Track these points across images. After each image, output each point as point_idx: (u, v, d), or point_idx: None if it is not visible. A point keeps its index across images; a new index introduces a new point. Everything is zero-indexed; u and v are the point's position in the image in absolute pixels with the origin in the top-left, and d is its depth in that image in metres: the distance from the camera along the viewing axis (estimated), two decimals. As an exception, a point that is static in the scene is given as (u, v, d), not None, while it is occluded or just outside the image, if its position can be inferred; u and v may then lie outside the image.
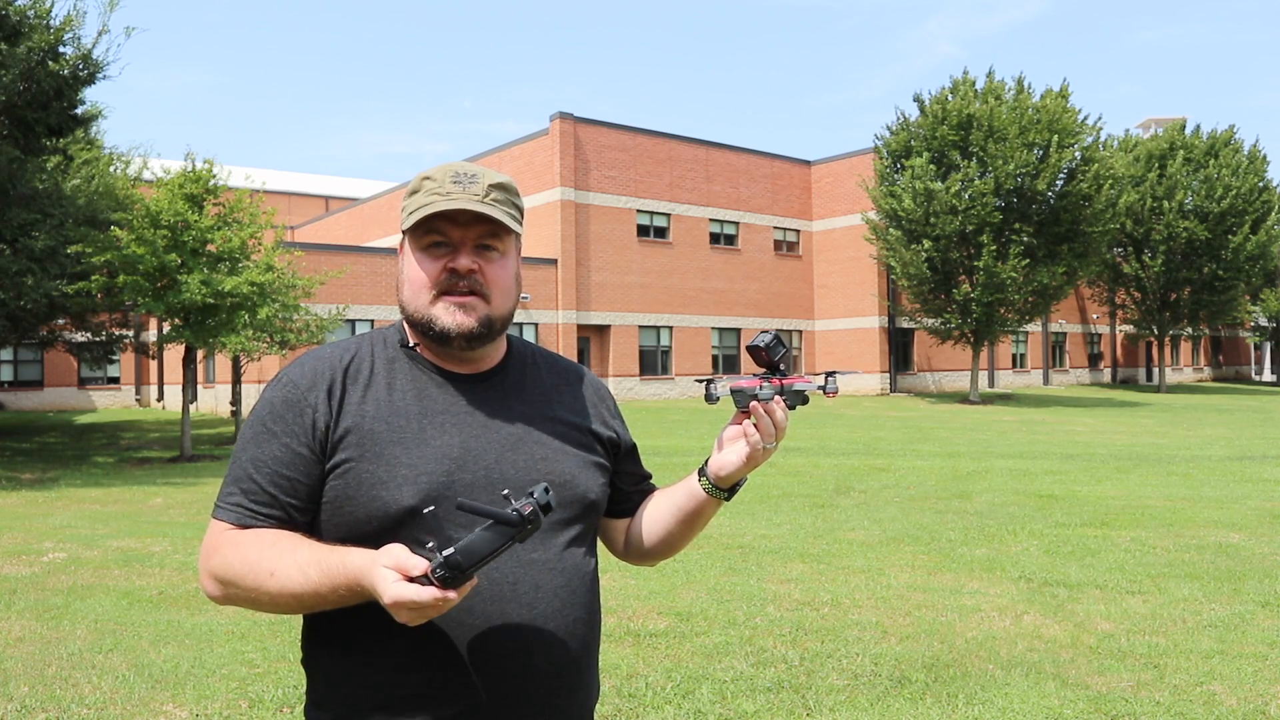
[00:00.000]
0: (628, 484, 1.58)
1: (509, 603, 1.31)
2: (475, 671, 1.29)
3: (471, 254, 1.37)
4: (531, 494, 1.14)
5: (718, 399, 1.48)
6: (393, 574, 1.12)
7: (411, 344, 1.44)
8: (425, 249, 1.38)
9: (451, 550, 1.10)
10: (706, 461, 1.48)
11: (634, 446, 1.60)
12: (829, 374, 1.44)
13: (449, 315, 1.36)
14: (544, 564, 1.35)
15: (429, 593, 1.10)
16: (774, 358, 1.42)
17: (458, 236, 1.37)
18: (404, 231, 1.40)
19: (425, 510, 1.11)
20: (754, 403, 1.39)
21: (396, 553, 1.14)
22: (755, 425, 1.40)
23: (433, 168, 1.41)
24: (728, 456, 1.44)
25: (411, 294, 1.39)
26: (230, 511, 1.32)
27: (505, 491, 1.14)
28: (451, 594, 1.11)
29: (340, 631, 1.32)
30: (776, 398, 1.40)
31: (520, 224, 1.41)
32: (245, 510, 1.32)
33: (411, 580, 1.11)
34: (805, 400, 1.43)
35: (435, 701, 1.28)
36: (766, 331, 1.43)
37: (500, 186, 1.38)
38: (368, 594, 1.18)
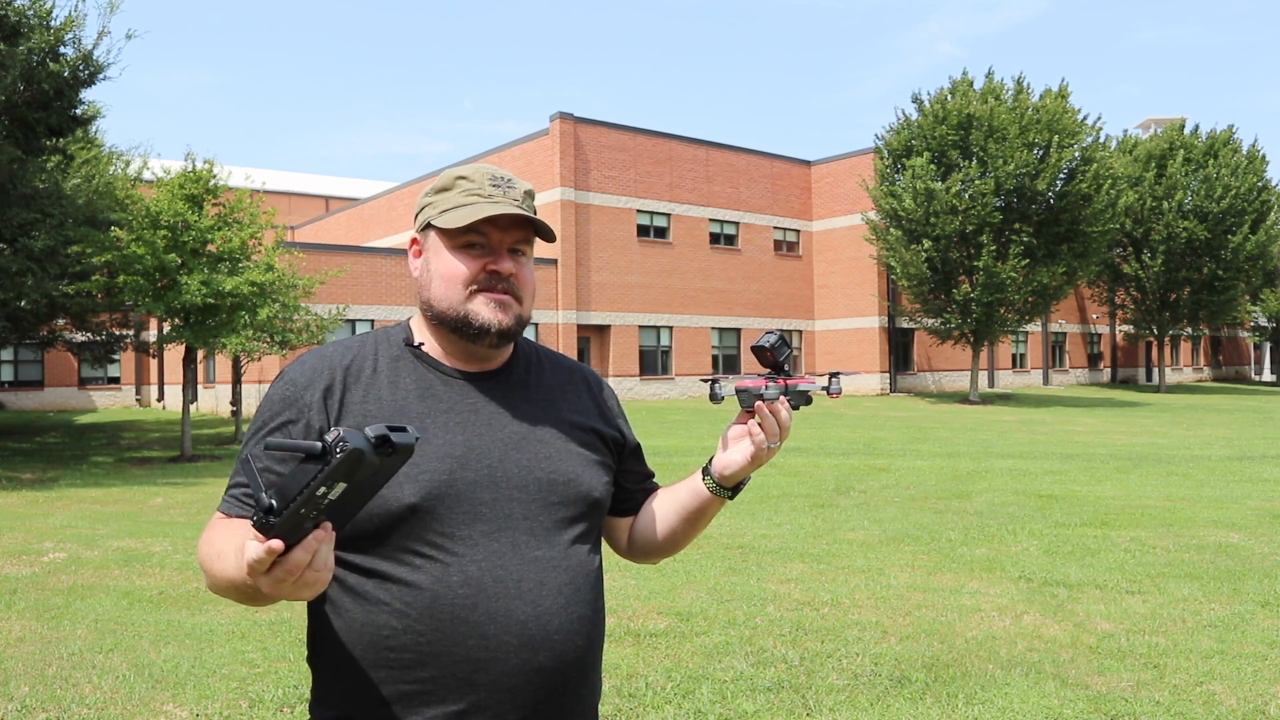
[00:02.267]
0: (632, 483, 1.59)
1: (514, 599, 1.31)
2: (480, 668, 1.29)
3: (508, 257, 1.40)
4: (364, 431, 0.97)
5: (722, 399, 1.48)
6: (252, 543, 0.99)
7: (418, 343, 1.44)
8: (461, 247, 1.39)
9: (264, 491, 0.96)
10: (710, 460, 1.48)
11: (638, 446, 1.61)
12: (833, 374, 1.45)
13: (489, 311, 1.37)
14: (549, 561, 1.36)
15: (255, 548, 0.97)
16: (779, 358, 1.42)
17: (495, 239, 1.39)
18: (433, 227, 1.41)
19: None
20: (759, 403, 1.40)
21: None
22: (760, 425, 1.41)
23: (465, 166, 1.43)
24: (732, 456, 1.44)
25: (446, 290, 1.39)
26: (226, 504, 1.35)
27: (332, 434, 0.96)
28: (275, 543, 0.96)
29: (345, 628, 1.32)
30: (781, 398, 1.41)
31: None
32: (237, 502, 1.34)
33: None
34: (809, 401, 1.44)
35: (440, 698, 1.29)
36: (771, 332, 1.43)
37: (530, 194, 1.43)
38: None
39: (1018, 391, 36.04)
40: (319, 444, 0.95)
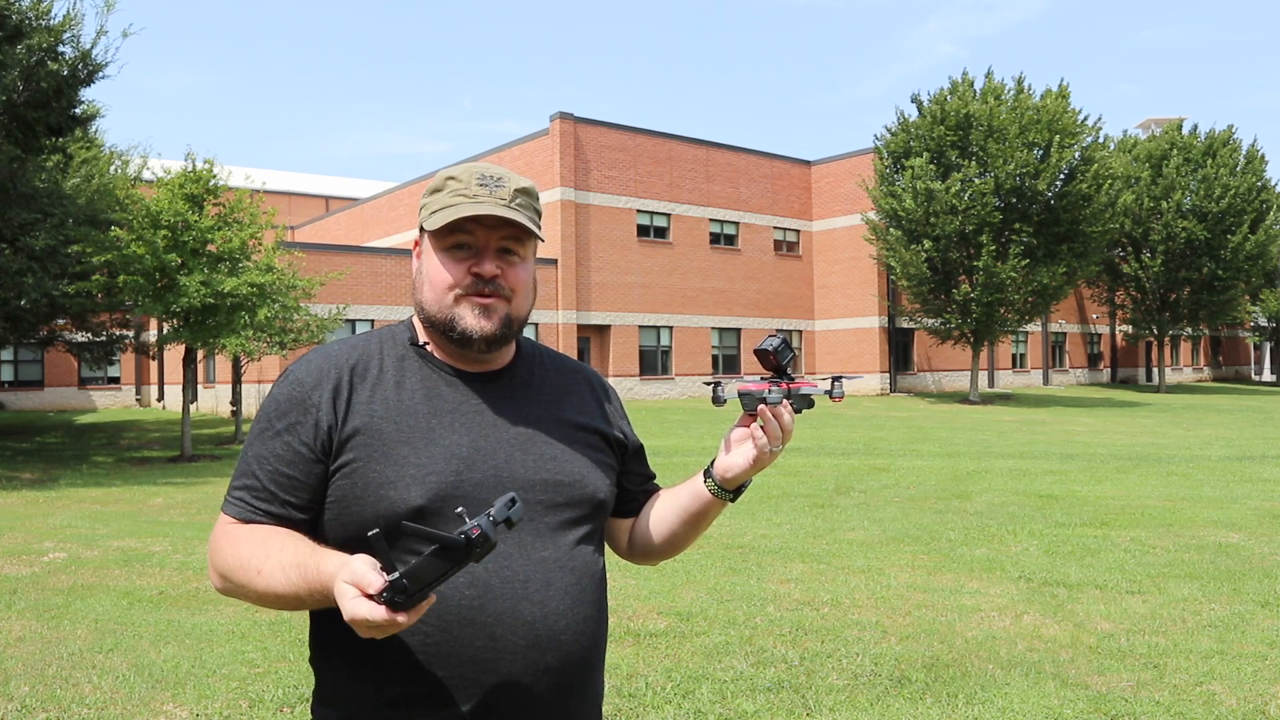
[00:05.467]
0: (634, 484, 1.59)
1: (520, 600, 1.31)
2: (486, 669, 1.29)
3: (494, 258, 1.38)
4: (489, 513, 1.06)
5: (725, 401, 1.47)
6: (351, 589, 1.08)
7: (422, 342, 1.44)
8: (448, 249, 1.38)
9: (398, 574, 1.05)
10: (712, 463, 1.48)
11: (640, 447, 1.60)
12: (835, 378, 1.44)
13: (473, 319, 1.36)
14: (554, 562, 1.36)
15: (379, 613, 1.05)
16: (781, 361, 1.42)
17: (482, 239, 1.38)
18: (423, 230, 1.40)
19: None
20: (762, 406, 1.39)
21: (357, 567, 1.09)
22: (763, 428, 1.40)
23: (457, 167, 1.41)
24: (735, 459, 1.44)
25: (433, 294, 1.38)
26: (234, 506, 1.34)
27: (459, 510, 1.06)
28: (401, 617, 1.06)
29: (350, 630, 1.32)
30: (784, 401, 1.41)
31: (540, 229, 1.42)
32: (248, 505, 1.33)
33: (369, 597, 1.07)
34: (811, 404, 1.43)
35: (446, 699, 1.29)
36: (774, 335, 1.43)
37: (525, 191, 1.39)
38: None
39: (1018, 391, 36.05)
40: (463, 537, 1.04)
